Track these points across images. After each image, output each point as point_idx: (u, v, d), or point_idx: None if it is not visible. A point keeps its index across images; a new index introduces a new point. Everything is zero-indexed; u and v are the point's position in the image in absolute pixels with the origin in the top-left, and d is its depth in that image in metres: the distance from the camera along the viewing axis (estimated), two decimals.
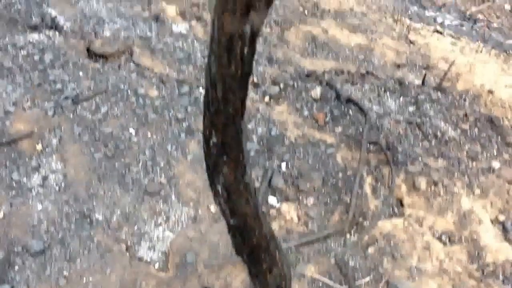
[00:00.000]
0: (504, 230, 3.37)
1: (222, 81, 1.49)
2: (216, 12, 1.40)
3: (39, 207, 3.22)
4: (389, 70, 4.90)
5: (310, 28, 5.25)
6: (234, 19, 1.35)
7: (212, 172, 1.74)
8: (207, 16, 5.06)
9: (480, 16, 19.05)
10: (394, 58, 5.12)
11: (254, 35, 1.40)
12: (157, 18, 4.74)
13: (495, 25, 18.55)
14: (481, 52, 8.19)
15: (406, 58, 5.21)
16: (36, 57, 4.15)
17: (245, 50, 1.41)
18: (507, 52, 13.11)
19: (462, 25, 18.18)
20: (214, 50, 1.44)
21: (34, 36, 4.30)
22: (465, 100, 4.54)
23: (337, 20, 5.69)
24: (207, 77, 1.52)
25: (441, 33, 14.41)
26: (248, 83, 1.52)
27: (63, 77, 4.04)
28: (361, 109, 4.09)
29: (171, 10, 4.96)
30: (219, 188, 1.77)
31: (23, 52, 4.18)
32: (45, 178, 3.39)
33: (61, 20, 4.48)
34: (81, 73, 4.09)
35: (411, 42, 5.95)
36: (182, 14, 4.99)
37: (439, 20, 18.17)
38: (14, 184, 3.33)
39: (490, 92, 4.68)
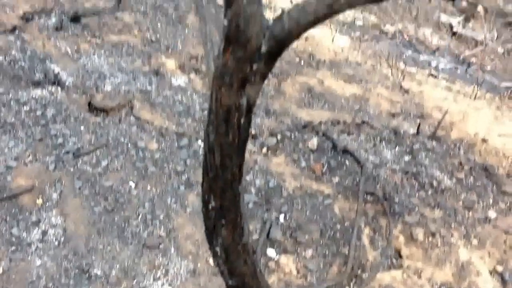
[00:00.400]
0: (503, 281, 3.38)
1: (220, 149, 1.55)
2: (213, 85, 1.47)
3: (38, 262, 3.23)
4: (384, 119, 4.98)
5: (306, 79, 5.37)
6: (231, 93, 1.42)
7: (211, 234, 1.79)
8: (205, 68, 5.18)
9: (473, 59, 19.36)
10: (389, 108, 5.22)
11: (250, 106, 1.47)
12: (157, 72, 4.86)
13: (488, 68, 18.84)
14: (475, 96, 8.32)
15: (401, 107, 5.30)
16: (39, 112, 4.23)
17: (242, 120, 1.48)
18: (502, 95, 13.30)
19: (456, 68, 18.47)
20: (212, 120, 1.51)
21: (37, 92, 4.40)
22: (459, 148, 4.61)
23: (333, 70, 5.83)
24: (205, 144, 1.59)
25: (435, 76, 14.65)
26: (244, 151, 1.58)
27: (64, 132, 4.11)
28: (357, 160, 4.16)
29: (170, 64, 5.08)
30: (218, 249, 1.81)
31: (26, 108, 4.26)
32: (44, 233, 3.41)
33: (63, 76, 4.59)
34: (82, 128, 4.17)
35: (405, 91, 6.07)
36: (181, 67, 5.11)
37: (434, 63, 18.47)
38: (14, 240, 3.35)
39: (484, 140, 4.76)
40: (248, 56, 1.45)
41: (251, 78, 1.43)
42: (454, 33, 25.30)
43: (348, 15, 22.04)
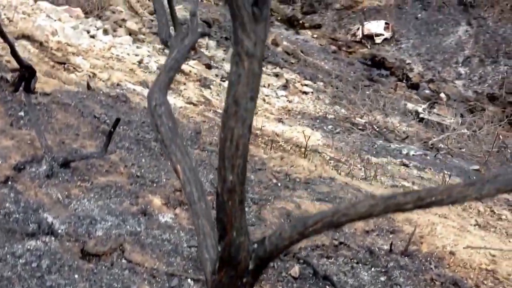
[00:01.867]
0: None
1: None
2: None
3: None
4: (359, 237, 5.35)
5: (284, 203, 5.76)
6: None
7: None
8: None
9: (441, 145, 20.20)
10: (363, 225, 5.60)
11: None
12: (144, 212, 5.20)
13: (456, 151, 19.57)
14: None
15: (374, 223, 5.69)
16: (34, 264, 4.48)
17: None
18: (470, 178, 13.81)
19: (426, 155, 19.19)
20: None
21: (32, 243, 4.68)
22: (430, 263, 4.96)
23: (308, 190, 6.25)
24: None
25: (407, 165, 15.24)
26: None
27: (59, 282, 4.35)
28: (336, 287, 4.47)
29: (156, 201, 5.45)
30: None
31: (22, 260, 4.52)
32: None
33: (56, 224, 4.90)
34: (76, 276, 4.42)
35: None
36: (167, 203, 5.47)
37: (404, 151, 19.19)
38: None
39: (452, 253, 5.13)
40: (239, 274, 1.83)
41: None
42: (421, 120, 26.41)
43: (319, 109, 22.91)
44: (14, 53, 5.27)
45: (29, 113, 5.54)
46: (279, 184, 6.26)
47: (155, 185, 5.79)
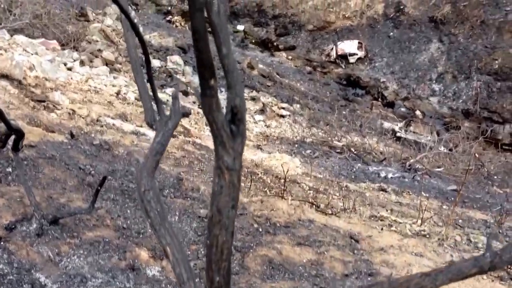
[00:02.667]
0: None
1: None
2: None
3: None
4: (339, 281, 5.62)
5: (266, 250, 6.01)
6: None
7: None
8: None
9: (418, 165, 20.63)
10: (342, 269, 5.87)
11: None
12: (132, 267, 5.41)
13: (434, 171, 20.00)
14: (422, 221, 9.11)
15: (352, 266, 5.96)
16: None
17: None
18: (448, 199, 14.23)
19: (404, 177, 19.57)
20: None
21: None
22: None
23: (288, 234, 6.51)
24: None
25: (385, 190, 15.58)
26: None
27: None
28: None
29: (143, 253, 5.66)
30: None
31: None
32: None
33: (48, 284, 5.08)
34: None
35: (356, 240, 6.77)
36: (154, 255, 5.68)
37: (383, 174, 19.56)
38: None
39: None
40: None
41: None
42: (398, 138, 26.94)
43: (297, 133, 23.24)
44: (3, 118, 5.47)
45: (17, 172, 5.73)
46: (260, 230, 6.50)
47: (141, 236, 6.00)
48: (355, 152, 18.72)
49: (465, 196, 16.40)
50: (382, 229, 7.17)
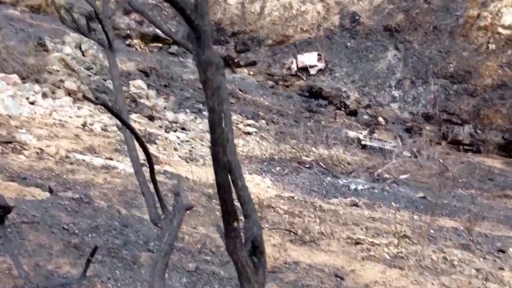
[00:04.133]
0: None
1: None
2: None
3: None
4: None
5: None
6: None
7: None
8: None
9: (386, 175, 20.99)
10: None
11: None
12: None
13: (401, 179, 20.38)
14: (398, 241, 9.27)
15: None
16: None
17: None
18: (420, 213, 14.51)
19: (373, 188, 19.87)
20: None
21: None
22: None
23: (277, 281, 6.51)
24: None
25: (357, 205, 15.78)
26: None
27: None
28: None
29: None
30: None
31: None
32: None
33: None
34: None
35: (341, 278, 6.83)
36: None
37: (352, 186, 19.82)
38: None
39: None
40: None
41: None
42: (363, 146, 27.36)
43: (265, 150, 23.36)
44: None
45: (5, 245, 5.59)
46: None
47: None
48: (324, 166, 18.92)
49: (433, 202, 16.76)
50: (363, 259, 7.28)
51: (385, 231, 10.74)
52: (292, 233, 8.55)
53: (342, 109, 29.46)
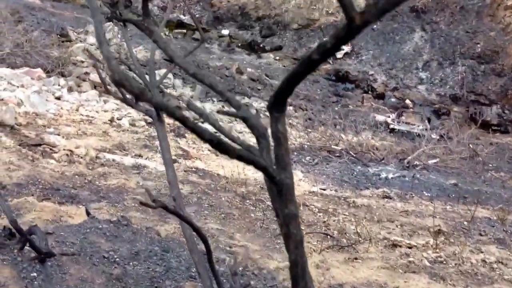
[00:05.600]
0: None
1: None
2: None
3: None
4: None
5: None
6: None
7: None
8: None
9: (416, 161, 21.11)
10: None
11: None
12: None
13: (432, 165, 20.49)
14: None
15: None
16: None
17: None
18: (450, 196, 14.68)
19: (404, 176, 20.04)
20: None
21: None
22: None
23: None
24: None
25: (389, 197, 16.01)
26: None
27: None
28: None
29: None
30: None
31: None
32: None
33: None
34: None
35: None
36: None
37: (383, 175, 20.02)
38: None
39: None
40: None
41: None
42: (391, 130, 27.44)
43: (294, 139, 23.67)
44: (15, 224, 5.68)
45: (46, 282, 5.73)
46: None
47: None
48: (354, 155, 19.12)
49: (464, 190, 16.86)
50: (404, 271, 7.55)
51: (420, 226, 10.94)
52: (328, 237, 8.86)
53: (369, 92, 29.37)
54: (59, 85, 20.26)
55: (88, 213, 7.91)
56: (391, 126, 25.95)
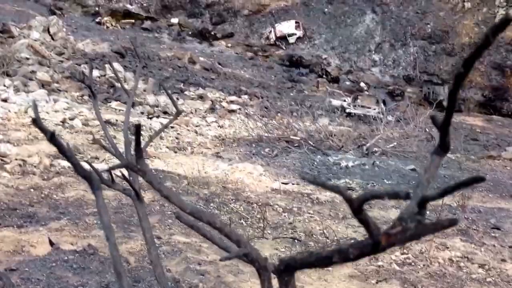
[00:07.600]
0: None
1: None
2: None
3: None
4: None
5: None
6: None
7: None
8: None
9: (375, 148, 21.16)
10: None
11: None
12: None
13: (390, 151, 20.52)
14: None
15: None
16: None
17: None
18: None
19: (364, 164, 20.02)
20: None
21: None
22: None
23: None
24: None
25: (352, 189, 15.79)
26: None
27: None
28: None
29: None
30: None
31: None
32: None
33: None
34: None
35: None
36: None
37: (343, 164, 19.96)
38: None
39: None
40: None
41: None
42: (348, 114, 27.49)
43: (252, 130, 23.21)
44: None
45: None
46: None
47: None
48: (313, 145, 18.97)
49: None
50: (377, 281, 7.34)
51: (384, 220, 10.83)
52: (296, 241, 8.62)
53: (324, 76, 29.40)
54: (4, 85, 19.09)
55: (51, 243, 7.31)
56: (348, 111, 25.96)
